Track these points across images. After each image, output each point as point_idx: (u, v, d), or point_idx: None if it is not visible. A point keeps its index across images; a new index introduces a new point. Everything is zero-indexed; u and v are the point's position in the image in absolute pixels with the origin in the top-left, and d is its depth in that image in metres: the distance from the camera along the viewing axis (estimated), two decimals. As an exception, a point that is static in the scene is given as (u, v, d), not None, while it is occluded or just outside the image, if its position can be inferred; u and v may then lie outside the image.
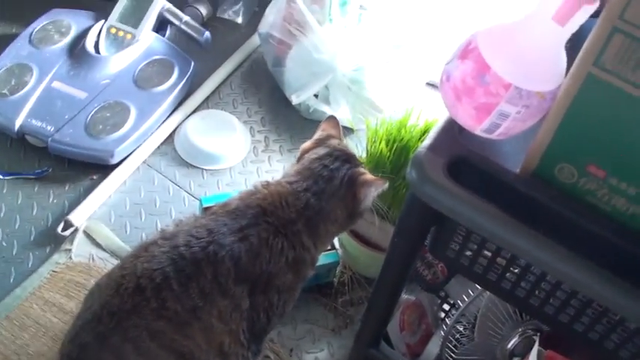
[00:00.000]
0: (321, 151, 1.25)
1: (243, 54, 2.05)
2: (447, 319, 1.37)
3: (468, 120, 0.87)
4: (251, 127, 1.89)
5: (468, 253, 0.94)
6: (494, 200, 0.84)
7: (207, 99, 1.93)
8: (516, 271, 0.91)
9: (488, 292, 1.16)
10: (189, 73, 1.85)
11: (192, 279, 1.06)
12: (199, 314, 1.06)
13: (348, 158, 1.24)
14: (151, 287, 1.06)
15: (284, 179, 1.22)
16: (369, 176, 1.22)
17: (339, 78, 1.76)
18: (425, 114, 1.46)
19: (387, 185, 1.22)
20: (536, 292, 0.92)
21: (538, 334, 1.13)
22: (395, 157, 1.36)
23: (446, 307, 1.43)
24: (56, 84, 1.76)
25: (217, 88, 1.96)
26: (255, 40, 2.07)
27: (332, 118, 1.35)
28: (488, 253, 0.92)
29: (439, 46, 1.86)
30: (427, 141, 0.88)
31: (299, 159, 1.27)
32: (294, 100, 1.80)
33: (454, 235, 0.93)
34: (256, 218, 1.14)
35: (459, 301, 1.23)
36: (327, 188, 1.19)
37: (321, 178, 1.19)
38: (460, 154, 0.87)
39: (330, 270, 1.53)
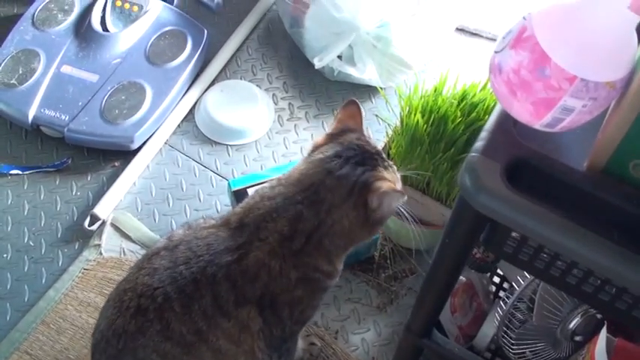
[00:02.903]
0: (330, 150, 1.07)
1: (257, 15, 1.92)
2: (499, 296, 1.30)
3: (525, 115, 0.77)
4: (273, 95, 1.79)
5: (528, 250, 0.86)
6: (559, 202, 0.75)
7: (224, 68, 1.82)
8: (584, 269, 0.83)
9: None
10: (203, 43, 1.75)
11: (194, 300, 1.00)
12: (205, 336, 1.01)
13: (364, 159, 1.06)
14: (153, 308, 1.01)
15: (281, 186, 1.07)
16: (384, 184, 1.03)
17: (362, 36, 1.64)
18: (461, 77, 1.34)
19: (405, 199, 1.07)
20: (606, 287, 0.84)
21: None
22: (433, 130, 1.26)
23: (496, 279, 1.36)
24: (65, 68, 1.68)
25: (234, 54, 1.85)
26: (268, -3, 1.94)
27: (351, 104, 1.14)
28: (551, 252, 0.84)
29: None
30: (480, 142, 0.78)
31: (310, 154, 1.10)
32: (317, 64, 1.69)
33: (511, 233, 0.85)
34: (251, 236, 1.03)
35: (513, 284, 1.16)
36: (327, 198, 1.02)
37: (323, 186, 1.03)
38: (518, 155, 0.77)
39: (371, 246, 1.46)
